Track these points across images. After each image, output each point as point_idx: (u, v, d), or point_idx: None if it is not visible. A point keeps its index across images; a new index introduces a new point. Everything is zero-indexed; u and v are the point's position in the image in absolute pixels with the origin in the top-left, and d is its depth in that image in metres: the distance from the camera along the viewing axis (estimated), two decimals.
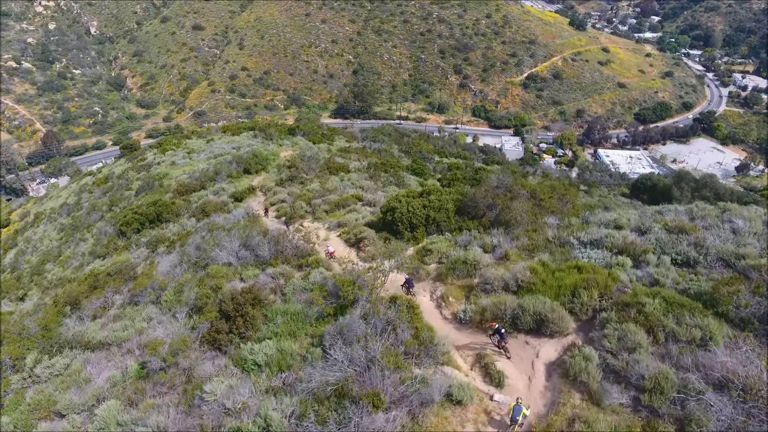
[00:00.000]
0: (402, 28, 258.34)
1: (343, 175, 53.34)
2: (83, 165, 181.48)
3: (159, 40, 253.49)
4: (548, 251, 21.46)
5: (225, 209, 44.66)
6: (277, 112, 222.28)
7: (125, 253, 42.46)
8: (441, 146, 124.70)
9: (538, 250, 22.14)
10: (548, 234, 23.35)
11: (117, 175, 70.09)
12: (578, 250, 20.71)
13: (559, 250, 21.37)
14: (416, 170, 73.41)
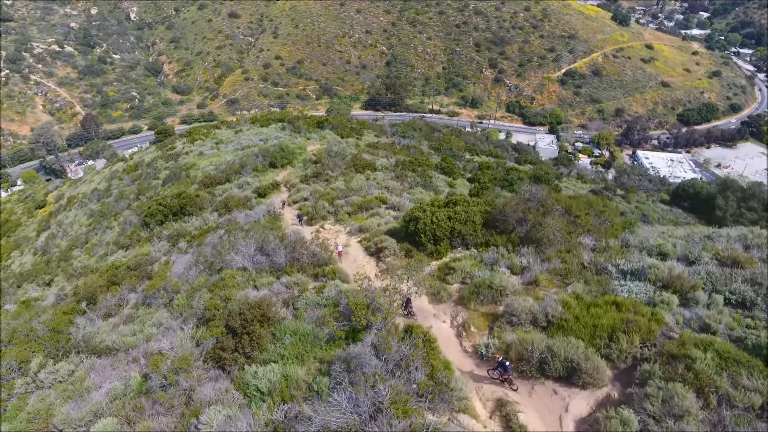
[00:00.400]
0: (437, 20, 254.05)
1: (369, 173, 51.95)
2: (119, 148, 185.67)
3: (196, 27, 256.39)
4: (583, 279, 19.55)
5: (247, 205, 43.94)
6: (309, 102, 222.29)
7: (147, 245, 42.27)
8: (472, 143, 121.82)
9: (572, 276, 20.24)
10: (584, 257, 21.39)
11: (146, 163, 70.56)
12: (617, 281, 18.75)
13: (595, 278, 19.43)
14: (445, 169, 71.41)
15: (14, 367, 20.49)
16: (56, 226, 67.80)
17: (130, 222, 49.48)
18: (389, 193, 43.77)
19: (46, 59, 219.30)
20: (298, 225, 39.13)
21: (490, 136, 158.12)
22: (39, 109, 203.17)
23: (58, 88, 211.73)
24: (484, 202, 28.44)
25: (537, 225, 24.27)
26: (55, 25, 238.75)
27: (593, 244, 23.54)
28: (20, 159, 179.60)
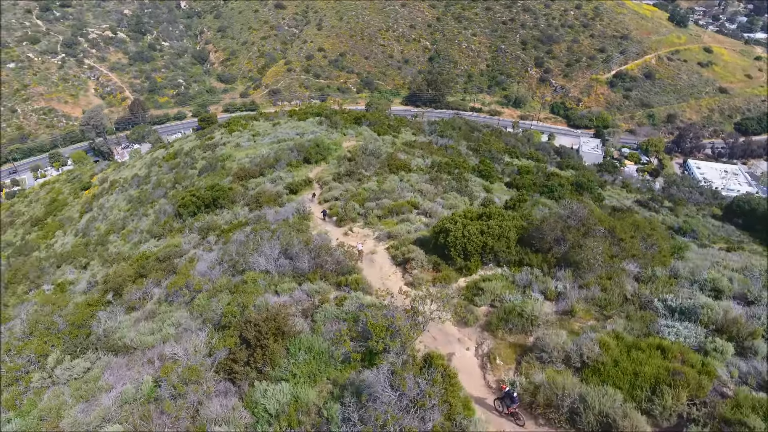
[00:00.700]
0: (483, 16, 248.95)
1: (403, 174, 50.76)
2: (164, 134, 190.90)
3: (242, 17, 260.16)
4: (624, 314, 17.85)
5: (278, 201, 43.56)
6: (349, 95, 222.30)
7: (178, 236, 42.53)
8: (512, 145, 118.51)
9: (612, 308, 18.55)
10: (626, 287, 19.61)
11: (185, 152, 71.56)
12: (663, 320, 16.96)
13: (638, 314, 17.68)
14: (483, 172, 69.39)
15: (33, 359, 20.47)
16: (97, 209, 69.71)
17: (165, 211, 50.06)
18: (422, 196, 42.50)
19: (100, 44, 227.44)
20: (321, 219, 38.62)
21: (531, 137, 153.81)
22: (91, 93, 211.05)
23: (110, 72, 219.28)
24: (520, 217, 26.81)
25: (576, 246, 22.56)
26: (110, 11, 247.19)
27: (638, 271, 21.66)
28: (71, 140, 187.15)
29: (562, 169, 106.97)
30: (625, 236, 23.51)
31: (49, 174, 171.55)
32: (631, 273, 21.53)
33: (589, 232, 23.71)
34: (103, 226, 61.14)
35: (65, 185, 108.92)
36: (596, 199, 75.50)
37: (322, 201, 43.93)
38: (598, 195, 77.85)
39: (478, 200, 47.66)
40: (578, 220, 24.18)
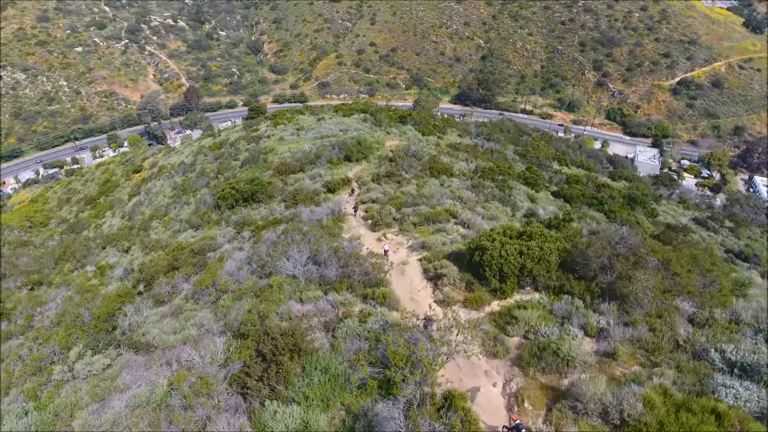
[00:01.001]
0: (542, 15, 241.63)
1: (444, 179, 49.23)
2: (215, 121, 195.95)
3: (297, 9, 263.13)
4: (675, 363, 15.93)
5: (314, 200, 43.05)
6: (398, 91, 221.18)
7: (215, 228, 42.80)
8: (563, 151, 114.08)
9: (661, 353, 16.64)
10: (678, 331, 17.60)
11: (230, 143, 72.52)
12: (720, 375, 14.96)
13: (690, 365, 15.74)
14: (529, 180, 66.70)
15: (57, 351, 20.55)
16: (144, 194, 71.74)
17: (205, 201, 50.65)
18: (462, 204, 40.91)
19: (161, 32, 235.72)
20: (353, 214, 37.89)
21: (584, 144, 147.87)
22: (150, 78, 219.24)
23: (168, 59, 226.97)
24: (564, 238, 24.96)
25: (624, 277, 20.60)
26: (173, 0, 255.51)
27: (693, 311, 19.51)
28: (129, 123, 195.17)
29: (614, 179, 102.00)
30: (681, 270, 21.31)
31: (106, 154, 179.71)
32: (685, 313, 19.41)
33: (639, 261, 21.66)
34: (147, 211, 62.77)
35: (119, 167, 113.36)
36: (649, 215, 71.29)
37: (359, 202, 43.06)
38: (651, 210, 73.57)
39: (521, 211, 45.61)
40: (628, 247, 22.15)
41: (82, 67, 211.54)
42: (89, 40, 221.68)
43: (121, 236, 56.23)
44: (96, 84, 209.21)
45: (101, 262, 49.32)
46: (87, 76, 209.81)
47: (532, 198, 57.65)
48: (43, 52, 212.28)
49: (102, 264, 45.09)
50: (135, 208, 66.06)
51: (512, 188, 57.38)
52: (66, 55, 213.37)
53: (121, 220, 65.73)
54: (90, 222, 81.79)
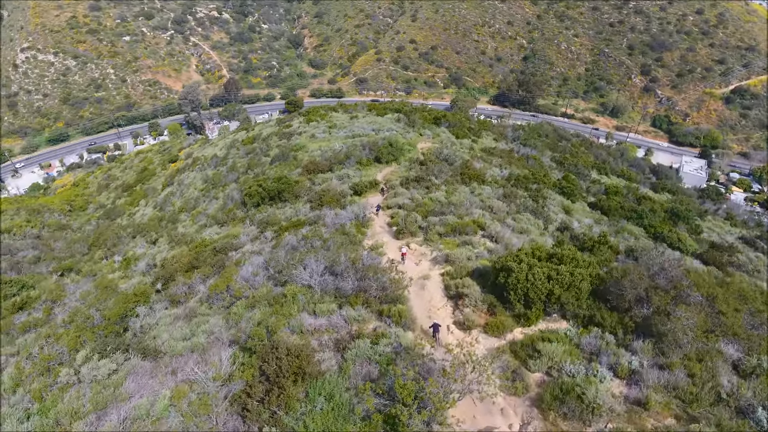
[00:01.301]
0: (589, 16, 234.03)
1: (475, 186, 47.59)
2: (252, 113, 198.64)
3: (339, 4, 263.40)
4: (715, 420, 14.23)
5: (340, 202, 42.23)
6: (435, 90, 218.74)
7: (239, 226, 42.57)
8: (603, 159, 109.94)
9: (699, 406, 14.93)
10: (721, 380, 15.82)
11: (262, 138, 72.64)
12: None
13: (734, 424, 14.02)
14: (565, 189, 64.14)
15: (65, 352, 20.31)
16: (177, 185, 72.69)
17: (232, 197, 50.61)
18: (491, 215, 39.29)
19: (206, 23, 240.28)
20: (375, 213, 37.03)
21: (626, 152, 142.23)
22: (192, 69, 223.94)
23: (211, 51, 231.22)
24: (597, 263, 23.23)
25: (662, 313, 18.82)
26: None
27: (739, 357, 17.59)
28: (170, 112, 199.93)
29: (656, 191, 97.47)
30: (728, 308, 19.33)
31: (147, 142, 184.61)
32: (730, 358, 17.52)
33: (680, 296, 19.78)
34: (178, 202, 63.47)
35: (156, 155, 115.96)
36: (692, 231, 67.50)
37: (386, 207, 42.00)
38: (695, 226, 69.72)
39: (553, 224, 43.57)
40: (669, 279, 20.28)
41: (129, 56, 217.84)
42: (137, 29, 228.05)
43: (151, 227, 56.97)
44: (141, 73, 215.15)
45: (129, 252, 49.99)
46: (133, 65, 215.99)
47: (567, 209, 55.28)
48: (93, 40, 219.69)
49: (129, 255, 45.59)
50: (167, 199, 66.98)
51: (546, 198, 55.18)
52: (114, 44, 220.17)
53: (153, 209, 66.79)
54: (125, 209, 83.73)
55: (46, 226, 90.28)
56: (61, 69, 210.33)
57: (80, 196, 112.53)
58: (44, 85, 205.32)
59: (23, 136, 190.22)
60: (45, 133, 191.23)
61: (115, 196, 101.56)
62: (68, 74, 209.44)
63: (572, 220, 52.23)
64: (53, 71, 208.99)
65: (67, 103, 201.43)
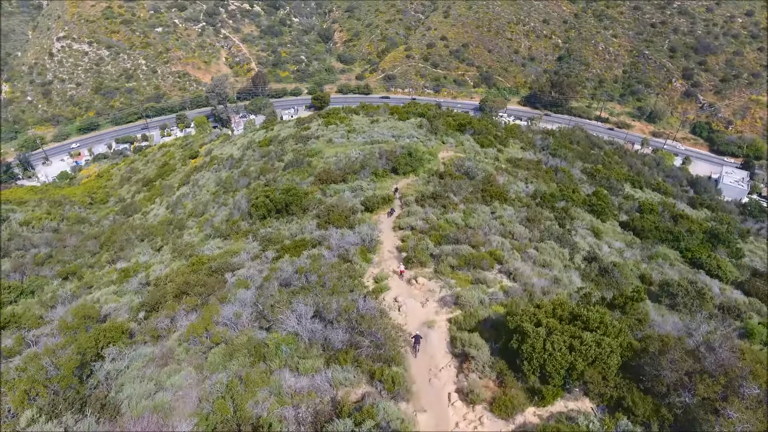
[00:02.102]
0: (629, 16, 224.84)
1: (496, 205, 44.03)
2: (278, 107, 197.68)
3: None
4: None
5: (348, 221, 39.37)
6: (465, 89, 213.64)
7: (242, 241, 40.25)
8: (637, 170, 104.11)
9: None
10: None
11: (279, 140, 70.37)
12: None
13: None
14: (595, 207, 59.81)
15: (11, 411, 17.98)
16: (192, 185, 71.20)
17: (239, 207, 48.39)
18: (511, 242, 35.80)
19: (237, 16, 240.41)
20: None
21: (662, 162, 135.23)
22: (222, 61, 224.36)
23: (241, 43, 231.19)
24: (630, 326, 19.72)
25: (709, 409, 15.30)
26: None
27: None
28: (197, 104, 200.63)
29: (694, 207, 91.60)
30: None
31: (174, 133, 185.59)
32: None
33: (732, 386, 16.19)
34: (189, 205, 61.80)
35: (178, 150, 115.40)
36: (733, 255, 62.40)
37: (397, 228, 38.98)
38: (736, 250, 64.56)
39: (581, 253, 39.75)
40: (718, 364, 16.69)
41: (161, 47, 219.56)
42: (169, 21, 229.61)
43: (159, 231, 55.36)
44: (171, 64, 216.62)
45: (133, 258, 48.37)
46: (164, 56, 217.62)
47: (596, 231, 51.13)
48: (126, 30, 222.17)
49: (129, 266, 43.82)
50: (179, 200, 65.44)
51: (574, 219, 51.21)
52: (147, 35, 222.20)
53: (165, 210, 65.38)
54: (142, 205, 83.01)
55: (65, 219, 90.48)
56: (95, 59, 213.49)
57: (102, 188, 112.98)
58: (78, 74, 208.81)
59: (55, 124, 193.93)
60: (76, 122, 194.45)
61: (135, 190, 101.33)
62: (101, 64, 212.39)
63: (601, 244, 48.19)
64: (87, 61, 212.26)
65: (98, 93, 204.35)
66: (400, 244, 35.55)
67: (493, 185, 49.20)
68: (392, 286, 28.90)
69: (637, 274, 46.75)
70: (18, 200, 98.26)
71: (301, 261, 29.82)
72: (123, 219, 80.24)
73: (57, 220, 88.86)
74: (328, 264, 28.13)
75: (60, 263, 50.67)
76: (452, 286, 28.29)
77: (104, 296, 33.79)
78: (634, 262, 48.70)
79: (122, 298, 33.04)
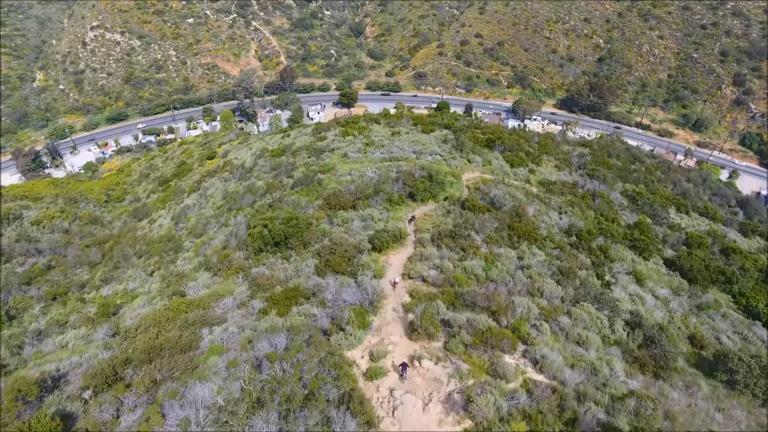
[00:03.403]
0: (678, 16, 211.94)
1: (524, 250, 38.25)
2: (305, 103, 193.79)
3: None
4: None
5: (351, 264, 34.38)
6: (498, 89, 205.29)
7: (231, 280, 35.77)
8: (682, 189, 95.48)
9: None
10: None
11: (293, 150, 65.79)
12: None
13: None
14: (637, 242, 53.09)
15: None
16: (200, 194, 67.52)
17: (237, 233, 44.01)
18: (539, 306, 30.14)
19: (268, 8, 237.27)
20: (391, 284, 29.41)
21: (708, 178, 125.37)
22: (251, 54, 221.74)
23: (271, 36, 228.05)
24: None
25: None
26: None
27: None
28: (224, 97, 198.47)
29: (745, 234, 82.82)
30: None
31: (200, 126, 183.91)
32: None
33: None
34: (192, 219, 58.04)
35: (197, 148, 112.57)
36: None
37: (406, 276, 33.79)
38: None
39: (621, 316, 33.66)
40: None
41: (191, 39, 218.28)
42: (201, 12, 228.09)
43: (157, 250, 51.63)
44: (201, 56, 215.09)
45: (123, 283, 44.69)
46: (194, 48, 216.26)
47: (638, 277, 44.66)
48: (158, 21, 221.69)
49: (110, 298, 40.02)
50: (184, 212, 61.72)
51: (613, 261, 44.88)
52: (178, 26, 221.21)
53: (170, 221, 61.75)
54: (153, 208, 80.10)
55: (77, 219, 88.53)
56: (126, 48, 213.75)
57: (120, 184, 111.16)
58: (109, 63, 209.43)
59: (85, 113, 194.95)
60: (105, 111, 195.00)
61: (151, 189, 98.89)
62: (132, 54, 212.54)
63: (645, 294, 41.87)
64: (119, 50, 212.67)
65: (128, 83, 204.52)
66: (407, 300, 30.42)
67: (522, 219, 43.33)
68: (389, 365, 23.87)
69: (686, 335, 40.45)
70: (35, 196, 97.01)
71: (287, 320, 25.05)
72: (132, 223, 77.50)
73: (69, 220, 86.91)
74: (312, 342, 23.12)
75: (48, 283, 47.39)
76: (464, 376, 23.01)
77: (73, 341, 29.93)
78: (683, 318, 42.21)
79: (88, 350, 28.96)
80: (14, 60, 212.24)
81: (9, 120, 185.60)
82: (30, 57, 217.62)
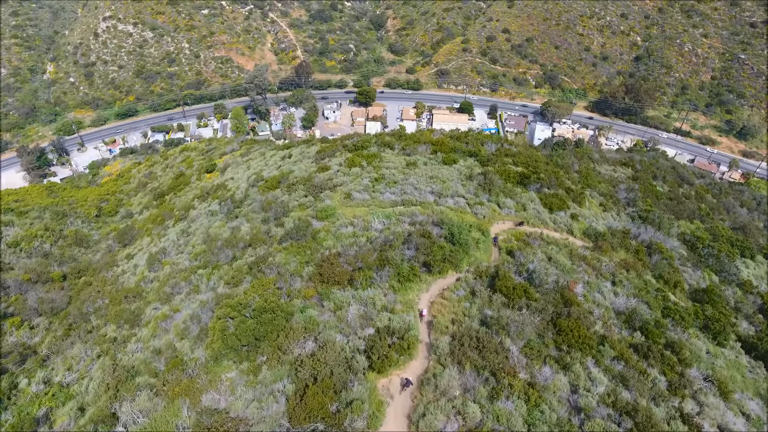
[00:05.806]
0: (725, 13, 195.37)
1: (578, 370, 28.00)
2: (321, 101, 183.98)
3: None
4: None
5: (335, 399, 24.69)
6: (525, 89, 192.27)
7: (175, 406, 26.46)
8: (740, 221, 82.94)
9: None
10: None
11: (289, 182, 56.08)
12: None
13: None
14: (711, 322, 42.12)
15: None
16: (183, 231, 58.44)
17: (199, 319, 34.58)
18: None
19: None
20: None
21: (762, 202, 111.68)
22: (267, 47, 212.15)
23: (288, 29, 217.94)
24: None
25: None
26: None
27: None
28: (237, 93, 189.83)
29: None
30: None
31: (210, 124, 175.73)
32: None
33: None
34: (166, 267, 48.99)
35: (198, 157, 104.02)
36: None
37: (414, 426, 23.99)
38: None
39: None
40: None
41: (205, 31, 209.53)
42: (216, 2, 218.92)
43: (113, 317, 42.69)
44: (215, 49, 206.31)
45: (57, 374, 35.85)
46: (208, 40, 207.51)
47: (722, 387, 33.91)
48: (172, 12, 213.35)
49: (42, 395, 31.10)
50: (160, 255, 52.69)
51: (689, 365, 34.21)
52: (192, 17, 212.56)
53: (145, 264, 52.80)
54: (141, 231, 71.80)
55: (61, 239, 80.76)
56: (139, 40, 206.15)
57: (116, 193, 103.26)
58: (120, 56, 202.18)
59: (95, 108, 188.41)
60: (115, 106, 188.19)
61: (146, 203, 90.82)
62: (144, 46, 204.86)
63: (728, 416, 31.21)
64: (131, 42, 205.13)
65: (139, 77, 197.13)
66: None
67: (571, 309, 33.01)
68: None
69: None
70: (20, 209, 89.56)
71: None
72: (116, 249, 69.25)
73: (51, 241, 79.13)
74: None
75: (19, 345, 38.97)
76: None
77: None
78: None
79: None
80: (25, 51, 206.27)
81: (17, 114, 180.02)
82: (42, 48, 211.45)
